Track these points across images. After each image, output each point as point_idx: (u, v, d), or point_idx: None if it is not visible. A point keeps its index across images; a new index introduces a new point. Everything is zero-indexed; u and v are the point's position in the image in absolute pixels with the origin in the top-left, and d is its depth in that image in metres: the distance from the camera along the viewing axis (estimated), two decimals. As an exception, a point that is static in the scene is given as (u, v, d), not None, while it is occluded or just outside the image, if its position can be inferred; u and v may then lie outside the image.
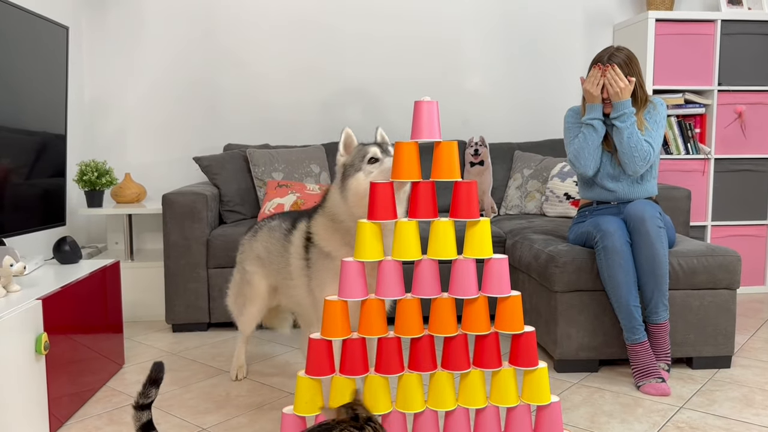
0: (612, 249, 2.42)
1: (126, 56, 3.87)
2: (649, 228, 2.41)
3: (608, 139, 2.65)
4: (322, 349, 1.70)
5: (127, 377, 2.57)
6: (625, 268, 2.42)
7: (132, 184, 3.60)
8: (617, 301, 2.44)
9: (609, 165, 2.65)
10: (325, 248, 2.05)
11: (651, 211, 2.43)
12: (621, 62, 2.54)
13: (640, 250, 2.43)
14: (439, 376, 1.74)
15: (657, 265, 2.41)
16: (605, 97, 2.57)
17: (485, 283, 1.74)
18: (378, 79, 4.04)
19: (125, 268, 3.30)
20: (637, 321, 2.42)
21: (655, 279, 2.42)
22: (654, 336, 2.47)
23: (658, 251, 2.40)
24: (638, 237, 2.43)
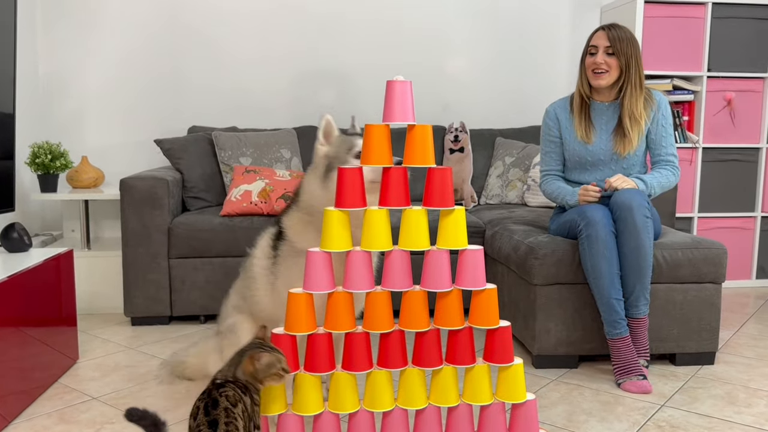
0: (596, 238, 2.43)
1: (84, 31, 3.79)
2: (636, 217, 2.41)
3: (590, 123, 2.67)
4: (286, 345, 1.68)
5: (80, 373, 2.53)
6: (609, 258, 2.43)
7: (89, 168, 3.53)
8: (599, 292, 2.45)
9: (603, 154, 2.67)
10: (297, 244, 2.01)
11: (639, 200, 2.43)
12: (624, 37, 2.59)
13: (625, 239, 2.43)
14: (409, 373, 1.73)
15: (641, 257, 2.41)
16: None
17: (459, 276, 1.73)
18: (354, 62, 4.01)
19: (81, 257, 3.25)
20: (618, 315, 2.43)
21: (638, 271, 2.42)
22: (633, 330, 2.48)
23: (644, 242, 2.41)
24: (624, 226, 2.43)
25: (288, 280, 2.01)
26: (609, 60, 2.61)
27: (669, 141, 2.69)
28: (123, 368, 2.58)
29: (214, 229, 3.06)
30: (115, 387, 2.39)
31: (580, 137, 2.69)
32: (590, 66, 2.65)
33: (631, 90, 2.62)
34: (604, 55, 2.61)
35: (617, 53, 2.60)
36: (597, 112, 2.71)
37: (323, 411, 1.70)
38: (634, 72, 2.61)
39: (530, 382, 2.46)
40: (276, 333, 1.69)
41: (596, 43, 2.64)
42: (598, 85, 2.64)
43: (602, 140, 2.68)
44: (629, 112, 2.63)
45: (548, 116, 2.80)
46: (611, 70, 2.62)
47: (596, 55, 2.63)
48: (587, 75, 2.68)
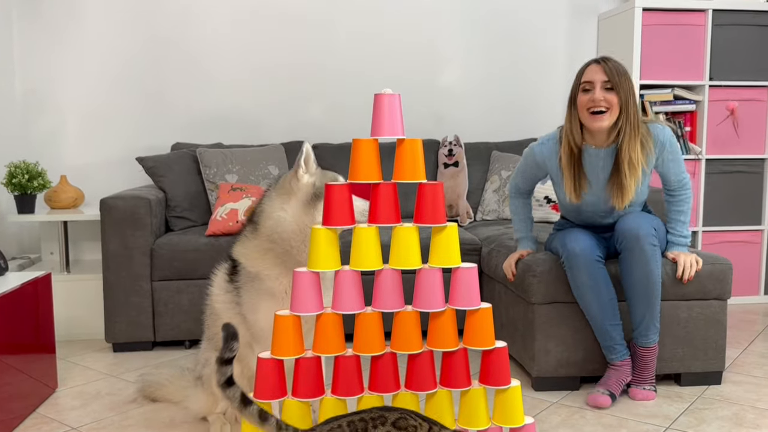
0: (578, 269, 2.44)
1: (63, 47, 3.81)
2: (645, 246, 2.40)
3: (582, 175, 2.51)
4: (273, 370, 1.68)
5: (60, 402, 2.52)
6: (595, 288, 2.43)
7: (68, 188, 3.54)
8: (591, 321, 2.49)
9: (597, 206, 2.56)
10: (252, 269, 2.06)
11: (647, 227, 2.41)
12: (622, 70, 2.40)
13: (632, 269, 2.43)
14: (402, 397, 1.74)
15: (651, 287, 2.42)
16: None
17: (453, 295, 1.74)
18: (343, 74, 4.04)
19: (60, 280, 3.25)
20: (614, 340, 2.46)
21: (647, 300, 2.44)
22: (642, 359, 2.50)
23: (653, 271, 2.42)
24: (631, 256, 2.42)
25: (251, 305, 2.06)
26: (608, 97, 2.37)
27: (680, 168, 2.55)
28: (104, 396, 2.57)
29: (198, 250, 3.07)
30: (96, 416, 2.38)
31: (569, 196, 2.51)
32: (586, 105, 2.40)
33: (630, 131, 2.40)
34: (602, 91, 2.37)
35: (616, 88, 2.37)
36: (591, 159, 2.49)
37: (312, 438, 1.70)
38: (632, 111, 2.40)
39: (530, 405, 2.46)
40: (262, 357, 1.70)
41: (591, 78, 2.40)
42: (598, 127, 2.40)
43: (597, 191, 2.52)
44: (628, 158, 2.41)
45: (534, 157, 2.60)
46: (612, 108, 2.38)
47: (593, 92, 2.38)
48: (582, 117, 2.43)
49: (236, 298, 2.11)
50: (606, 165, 2.49)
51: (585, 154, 2.50)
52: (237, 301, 2.11)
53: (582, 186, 2.50)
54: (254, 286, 2.06)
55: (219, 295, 2.17)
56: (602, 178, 2.50)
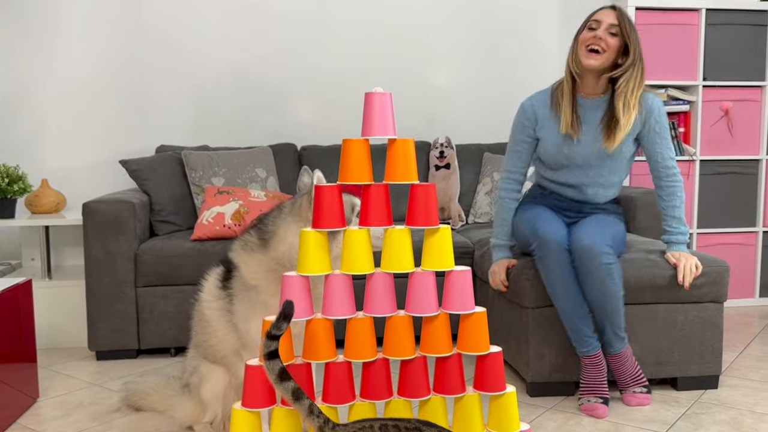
0: (549, 260, 2.42)
1: (43, 49, 3.77)
2: (599, 266, 2.36)
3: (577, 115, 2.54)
4: (261, 377, 1.66)
5: (41, 412, 2.48)
6: (565, 280, 2.41)
7: (49, 192, 3.51)
8: (561, 313, 2.46)
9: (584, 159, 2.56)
10: (252, 281, 2.02)
11: (599, 243, 2.37)
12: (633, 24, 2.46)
13: (587, 285, 2.41)
14: (395, 404, 1.72)
15: (607, 302, 2.40)
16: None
17: (446, 299, 1.73)
18: (332, 75, 4.02)
19: (42, 287, 3.21)
20: (583, 332, 2.44)
21: (605, 314, 2.42)
22: (613, 366, 2.49)
23: (608, 288, 2.38)
24: (585, 272, 2.39)
25: (244, 315, 2.03)
26: (610, 40, 2.42)
27: (667, 144, 2.56)
28: (87, 406, 2.54)
29: (184, 255, 3.04)
30: (79, 426, 2.35)
31: (564, 130, 2.51)
32: (586, 41, 2.45)
33: (632, 87, 2.44)
34: (606, 32, 2.42)
35: (623, 35, 2.42)
36: (583, 108, 2.54)
37: (303, 447, 1.68)
38: (639, 65, 2.44)
39: (524, 411, 2.45)
40: (250, 365, 1.67)
41: (600, 18, 2.45)
42: (588, 65, 2.44)
43: (588, 138, 2.53)
44: (624, 98, 2.44)
45: (524, 113, 2.63)
46: (608, 51, 2.43)
47: (597, 30, 2.43)
48: (578, 51, 2.48)
49: (228, 305, 2.07)
50: (597, 115, 2.53)
51: (578, 104, 2.55)
52: (229, 309, 2.07)
53: (578, 127, 2.51)
54: (249, 296, 2.03)
55: (210, 301, 2.13)
56: (593, 126, 2.53)
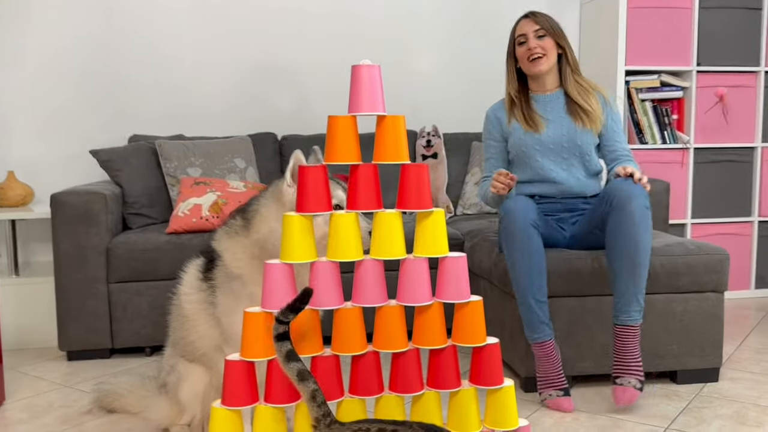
0: (512, 231, 2.36)
1: (8, 33, 3.66)
2: (635, 208, 2.28)
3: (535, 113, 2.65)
4: (242, 373, 1.58)
5: (7, 416, 2.39)
6: (526, 253, 2.34)
7: (16, 185, 3.41)
8: (517, 290, 2.39)
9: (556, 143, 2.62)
10: (237, 270, 1.94)
11: (639, 189, 2.32)
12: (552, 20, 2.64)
13: (620, 232, 2.30)
14: (386, 400, 1.65)
15: (638, 253, 2.29)
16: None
17: (440, 287, 1.66)
18: (313, 61, 3.95)
19: (9, 284, 3.12)
20: (537, 317, 2.36)
21: (633, 269, 2.30)
22: (620, 341, 2.34)
23: (642, 236, 2.29)
24: (620, 217, 2.30)
25: (228, 307, 1.94)
26: (542, 43, 2.61)
27: (622, 137, 2.68)
28: (57, 408, 2.45)
29: (159, 249, 2.95)
30: (48, 430, 2.26)
31: (526, 130, 2.65)
32: (524, 56, 2.64)
33: (571, 70, 2.66)
34: (535, 39, 2.61)
35: (549, 33, 2.61)
36: (541, 104, 2.69)
37: (288, 448, 1.61)
38: (570, 53, 2.65)
39: (519, 407, 2.37)
40: (230, 360, 1.59)
41: (524, 31, 2.64)
42: (538, 71, 2.62)
43: (555, 127, 2.64)
44: (577, 89, 2.65)
45: (488, 120, 2.79)
46: (548, 52, 2.61)
47: (527, 42, 2.62)
48: (524, 67, 2.66)
49: (210, 297, 1.99)
50: (556, 106, 2.67)
51: (534, 102, 2.70)
52: (211, 301, 1.98)
53: (536, 121, 2.65)
54: (233, 287, 1.94)
55: (190, 294, 2.04)
56: (557, 117, 2.66)
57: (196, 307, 2.02)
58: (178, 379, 2.09)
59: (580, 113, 2.63)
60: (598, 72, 3.89)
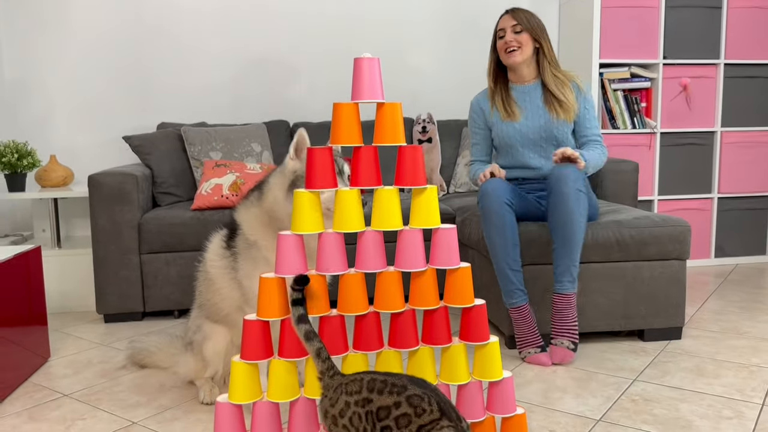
0: (488, 210, 2.36)
1: (50, 32, 3.62)
2: (569, 189, 2.29)
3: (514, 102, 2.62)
4: (259, 331, 1.57)
5: (52, 371, 2.39)
6: (500, 229, 2.34)
7: (58, 167, 3.38)
8: (494, 262, 2.39)
9: (534, 133, 2.60)
10: (251, 237, 1.95)
11: (575, 173, 2.32)
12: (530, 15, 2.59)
13: (556, 212, 2.31)
14: (386, 354, 1.64)
15: (570, 230, 2.29)
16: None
17: (433, 255, 1.64)
18: (322, 55, 3.91)
19: (52, 255, 3.10)
20: (513, 284, 2.37)
21: (566, 244, 2.30)
22: (556, 308, 2.35)
23: (573, 215, 2.28)
24: (555, 197, 2.31)
25: (247, 271, 1.95)
26: (518, 37, 2.57)
27: (593, 123, 2.64)
28: (96, 364, 2.45)
29: (185, 224, 2.94)
30: (87, 383, 2.26)
31: (504, 118, 2.63)
32: (501, 48, 2.61)
33: (548, 63, 2.61)
34: (512, 34, 2.58)
35: (526, 29, 2.57)
36: (519, 94, 2.66)
37: (299, 397, 1.61)
38: (547, 47, 2.60)
39: (504, 362, 2.38)
40: (248, 319, 1.59)
41: (502, 26, 2.61)
42: (513, 62, 2.58)
43: (533, 117, 2.61)
44: (554, 81, 2.60)
45: (472, 108, 2.76)
46: (523, 46, 2.58)
47: (505, 36, 2.59)
48: (502, 59, 2.63)
49: (233, 263, 1.99)
50: (534, 97, 2.64)
51: (513, 92, 2.67)
52: (233, 266, 1.99)
53: (514, 111, 2.62)
54: (251, 253, 1.95)
55: (215, 260, 2.04)
56: (535, 107, 2.62)
57: (220, 272, 2.02)
58: (203, 338, 2.09)
59: (555, 104, 2.59)
60: (574, 64, 3.85)
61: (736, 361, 2.37)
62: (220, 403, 1.60)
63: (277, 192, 1.93)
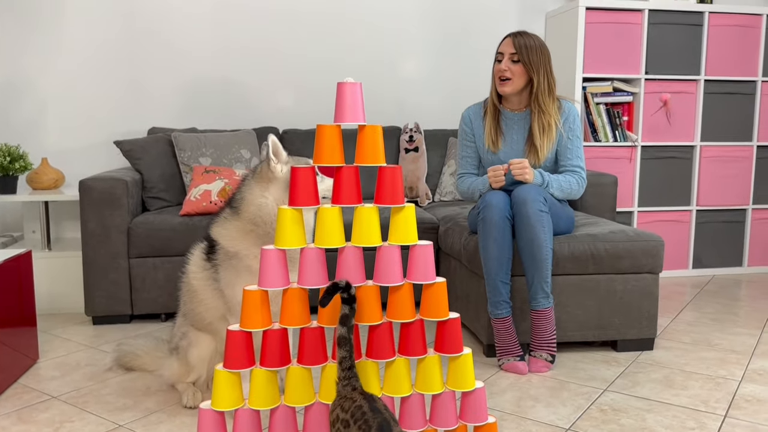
0: (489, 221, 2.41)
1: (42, 35, 3.67)
2: (530, 211, 2.37)
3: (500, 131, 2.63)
4: (241, 341, 1.64)
5: (41, 373, 2.44)
6: (499, 242, 2.40)
7: (49, 170, 3.43)
8: (486, 273, 2.45)
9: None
10: (232, 249, 2.02)
11: (534, 194, 2.39)
12: (533, 45, 2.54)
13: (520, 233, 2.40)
14: (363, 365, 1.71)
15: (536, 250, 2.38)
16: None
17: (410, 270, 1.72)
18: (311, 61, 3.97)
19: (42, 257, 3.15)
20: (501, 296, 2.43)
21: (534, 263, 2.39)
22: (534, 323, 2.46)
23: (537, 235, 2.37)
24: (519, 219, 2.40)
25: (228, 281, 2.02)
26: (513, 67, 2.54)
27: (575, 153, 2.63)
28: (84, 367, 2.51)
29: (173, 229, 3.00)
30: (76, 386, 2.32)
31: (487, 145, 2.65)
32: (496, 74, 2.59)
33: (541, 98, 2.56)
34: (509, 62, 2.54)
35: (523, 61, 2.52)
36: (507, 121, 2.66)
37: (279, 405, 1.68)
38: (544, 80, 2.55)
39: (481, 370, 2.46)
40: (231, 330, 1.66)
41: (502, 50, 2.57)
42: (502, 92, 2.58)
43: (512, 150, 2.64)
44: (539, 121, 2.57)
45: (463, 121, 2.75)
46: (515, 77, 2.54)
47: (501, 62, 2.55)
48: (495, 82, 2.61)
49: (214, 274, 2.06)
50: (520, 128, 2.64)
51: (502, 116, 2.67)
52: (215, 278, 2.06)
53: (497, 140, 2.64)
54: (233, 264, 2.02)
55: (196, 273, 2.11)
56: (517, 139, 2.64)
57: (202, 284, 2.08)
58: (189, 344, 2.15)
59: (534, 146, 2.59)
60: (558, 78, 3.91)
61: (703, 372, 2.46)
62: (204, 409, 1.66)
63: (260, 200, 2.00)
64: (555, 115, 2.58)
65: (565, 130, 2.62)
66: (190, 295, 2.13)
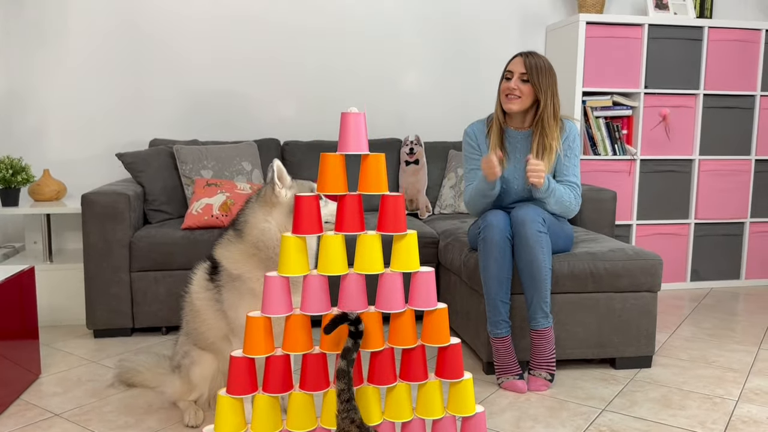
0: (490, 240, 2.43)
1: (45, 48, 3.68)
2: (528, 232, 2.39)
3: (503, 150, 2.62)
4: (244, 367, 1.66)
5: (43, 389, 2.46)
6: (500, 262, 2.43)
7: (51, 182, 3.44)
8: (486, 293, 2.46)
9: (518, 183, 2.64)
10: (235, 271, 2.03)
11: (533, 215, 2.41)
12: (542, 66, 2.54)
13: (519, 253, 2.43)
14: (365, 390, 1.73)
15: (535, 270, 2.40)
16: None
17: (412, 296, 1.73)
18: (312, 73, 3.98)
19: (43, 270, 3.16)
20: (501, 316, 2.45)
21: (533, 283, 2.42)
22: (534, 343, 2.48)
23: (536, 256, 2.40)
24: (518, 240, 2.42)
25: (231, 302, 2.03)
26: (522, 87, 2.54)
27: (572, 170, 2.63)
28: (86, 382, 2.52)
29: (175, 243, 3.01)
30: (78, 402, 2.33)
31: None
32: (504, 91, 2.59)
33: (546, 119, 2.56)
34: (518, 81, 2.54)
35: (532, 82, 2.53)
36: (511, 139, 2.66)
37: (282, 430, 1.69)
38: (550, 102, 2.56)
39: (481, 388, 2.48)
40: (234, 356, 1.67)
41: (512, 69, 2.57)
42: (509, 109, 2.57)
43: (516, 169, 2.64)
44: (541, 143, 2.57)
45: (468, 137, 2.73)
46: (523, 96, 2.55)
47: (511, 81, 2.56)
48: (501, 99, 2.61)
49: (217, 295, 2.07)
50: (523, 147, 2.64)
51: (506, 134, 2.67)
52: (217, 299, 2.07)
53: (503, 159, 2.61)
54: (235, 285, 2.03)
55: (199, 293, 2.12)
56: (521, 158, 2.63)
57: (205, 304, 2.10)
58: (191, 363, 2.17)
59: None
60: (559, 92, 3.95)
61: (701, 391, 2.47)
62: (207, 433, 1.68)
63: (263, 224, 2.01)
64: (557, 138, 2.59)
65: (563, 148, 2.63)
66: (193, 315, 2.14)
